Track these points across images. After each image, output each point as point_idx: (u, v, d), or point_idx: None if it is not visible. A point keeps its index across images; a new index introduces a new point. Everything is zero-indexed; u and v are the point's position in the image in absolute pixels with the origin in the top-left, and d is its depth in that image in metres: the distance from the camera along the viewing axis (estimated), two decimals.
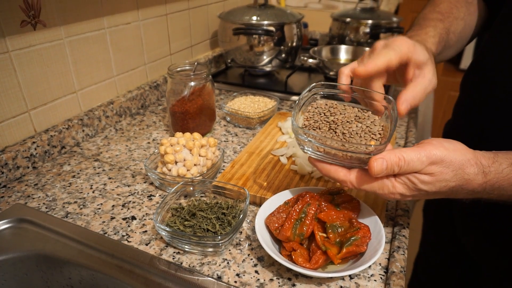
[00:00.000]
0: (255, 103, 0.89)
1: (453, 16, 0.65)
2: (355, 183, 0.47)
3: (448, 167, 0.44)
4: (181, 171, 0.61)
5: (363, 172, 0.47)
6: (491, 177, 0.44)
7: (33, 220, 0.56)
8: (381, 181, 0.46)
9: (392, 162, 0.44)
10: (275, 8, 1.10)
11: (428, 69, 0.52)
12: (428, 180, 0.44)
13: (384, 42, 0.52)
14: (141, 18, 0.92)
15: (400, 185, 0.46)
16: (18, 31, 0.64)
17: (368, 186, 0.47)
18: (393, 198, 0.47)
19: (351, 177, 0.47)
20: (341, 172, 0.47)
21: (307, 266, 0.46)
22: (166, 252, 0.52)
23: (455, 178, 0.44)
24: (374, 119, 0.50)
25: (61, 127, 0.73)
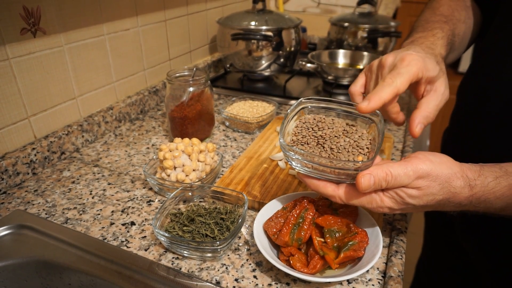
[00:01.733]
0: (254, 108, 0.90)
1: (455, 19, 0.64)
2: (344, 198, 0.47)
3: (434, 180, 0.44)
4: (180, 177, 0.62)
5: (351, 187, 0.47)
6: (477, 190, 0.44)
7: (33, 226, 0.56)
8: (369, 196, 0.46)
9: (379, 177, 0.44)
10: (273, 13, 1.11)
11: (440, 82, 0.51)
12: (415, 194, 0.44)
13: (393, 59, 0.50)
14: (140, 24, 0.92)
15: (388, 199, 0.46)
16: (18, 39, 0.65)
17: (357, 201, 0.47)
18: (382, 211, 0.47)
19: (340, 192, 0.47)
20: (330, 187, 0.47)
21: (305, 271, 0.46)
22: (165, 258, 0.52)
23: (442, 191, 0.44)
24: (362, 133, 0.50)
25: (61, 133, 0.74)
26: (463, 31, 0.65)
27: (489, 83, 0.59)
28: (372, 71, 0.53)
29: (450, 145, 0.73)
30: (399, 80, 0.47)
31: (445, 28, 0.60)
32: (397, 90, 0.47)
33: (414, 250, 1.01)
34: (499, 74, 0.57)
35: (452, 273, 0.83)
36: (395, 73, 0.48)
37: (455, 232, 0.74)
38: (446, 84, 0.53)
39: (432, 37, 0.58)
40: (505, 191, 0.44)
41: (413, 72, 0.48)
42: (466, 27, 0.65)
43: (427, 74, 0.50)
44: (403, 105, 1.03)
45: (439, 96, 0.51)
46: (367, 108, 0.46)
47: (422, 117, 0.50)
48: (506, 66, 0.56)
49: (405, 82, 0.47)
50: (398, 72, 0.48)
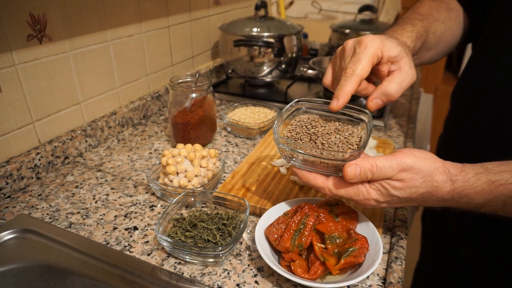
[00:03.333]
0: (256, 114, 0.91)
1: (432, 18, 0.66)
2: (333, 189, 0.49)
3: (417, 174, 0.46)
4: (182, 182, 0.62)
5: (339, 179, 0.49)
6: (458, 185, 0.46)
7: (37, 231, 0.57)
8: (356, 187, 0.48)
9: (365, 168, 0.46)
10: (275, 20, 1.12)
11: (404, 62, 0.53)
12: (399, 186, 0.46)
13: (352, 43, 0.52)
14: (144, 30, 0.94)
15: (374, 191, 0.48)
16: (24, 45, 0.66)
17: (345, 192, 0.49)
18: (368, 204, 0.49)
19: (329, 184, 0.49)
20: (319, 179, 0.50)
21: (305, 276, 0.46)
22: (168, 263, 0.52)
23: (425, 184, 0.46)
24: (353, 132, 0.52)
25: (65, 138, 0.75)
26: (441, 30, 0.66)
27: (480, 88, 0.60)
28: (337, 57, 0.55)
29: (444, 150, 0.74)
30: (359, 66, 0.49)
31: (417, 25, 0.62)
32: (360, 78, 0.49)
33: (413, 255, 1.01)
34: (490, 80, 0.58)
35: (450, 278, 0.83)
36: (354, 59, 0.50)
37: (451, 236, 0.74)
38: (411, 64, 0.53)
39: (401, 30, 0.61)
40: (484, 187, 0.45)
41: (371, 53, 0.50)
42: (446, 27, 0.67)
43: (387, 54, 0.51)
44: (403, 111, 1.04)
45: (403, 74, 0.52)
46: (338, 107, 0.50)
47: (381, 93, 0.52)
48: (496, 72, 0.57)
49: (366, 67, 0.49)
50: (358, 59, 0.50)
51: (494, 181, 0.45)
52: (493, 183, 0.45)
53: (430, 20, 0.66)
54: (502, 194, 0.45)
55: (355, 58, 0.51)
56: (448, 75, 2.49)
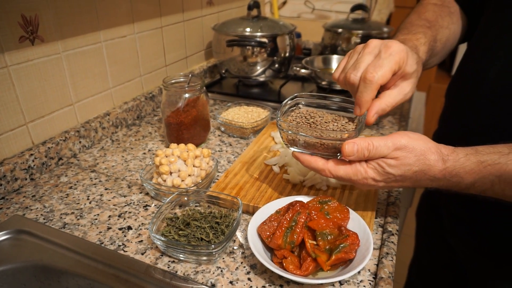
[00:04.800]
0: (249, 113, 0.91)
1: (438, 25, 0.67)
2: (333, 170, 0.52)
3: (411, 152, 0.49)
4: (176, 182, 0.63)
5: (339, 160, 0.52)
6: (449, 165, 0.48)
7: (31, 231, 0.57)
8: (354, 167, 0.51)
9: (362, 146, 0.49)
10: (268, 20, 1.13)
11: (408, 82, 0.55)
12: (393, 163, 0.49)
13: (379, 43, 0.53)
14: (137, 31, 0.94)
15: (371, 170, 0.51)
16: (16, 47, 0.66)
17: (344, 172, 0.51)
18: (367, 183, 0.51)
19: (329, 165, 0.52)
20: (320, 161, 0.53)
21: (297, 273, 0.47)
22: (161, 261, 0.53)
23: (418, 163, 0.49)
24: (348, 121, 0.57)
25: (58, 139, 0.75)
26: (446, 36, 0.68)
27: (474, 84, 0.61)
28: (356, 51, 0.55)
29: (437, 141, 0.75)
30: (380, 72, 0.50)
31: (428, 34, 0.63)
32: (379, 85, 0.51)
33: (409, 252, 1.03)
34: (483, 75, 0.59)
35: (443, 272, 0.84)
36: (377, 63, 0.50)
37: (445, 231, 0.75)
38: (413, 87, 0.56)
39: (415, 41, 0.61)
40: (474, 167, 0.47)
41: (395, 61, 0.51)
42: (450, 32, 0.69)
43: (405, 68, 0.52)
44: (395, 109, 1.05)
45: (401, 95, 0.55)
46: (361, 113, 0.54)
47: (381, 108, 0.54)
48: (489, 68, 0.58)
49: (386, 74, 0.50)
50: (381, 64, 0.50)
51: (483, 161, 0.47)
52: (482, 163, 0.47)
53: (437, 27, 0.66)
54: (490, 174, 0.46)
55: (378, 62, 0.50)
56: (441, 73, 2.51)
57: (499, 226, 0.61)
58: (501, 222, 0.60)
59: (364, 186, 0.53)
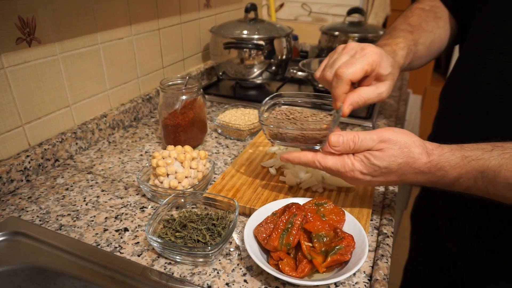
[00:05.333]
0: (246, 116, 0.92)
1: (422, 29, 0.70)
2: (322, 161, 0.54)
3: (395, 144, 0.50)
4: (172, 184, 0.63)
5: (327, 152, 0.54)
6: (434, 158, 0.49)
7: (27, 233, 0.57)
8: (342, 159, 0.53)
9: (348, 138, 0.52)
10: (265, 22, 1.13)
11: (384, 83, 0.59)
12: (378, 155, 0.51)
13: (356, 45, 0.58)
14: (134, 33, 0.94)
15: (357, 162, 0.52)
16: (13, 48, 0.66)
17: (332, 163, 0.53)
18: (354, 177, 0.53)
19: (318, 156, 0.54)
20: (309, 154, 0.55)
21: (293, 274, 0.47)
22: (158, 263, 0.53)
23: (402, 155, 0.50)
24: (326, 115, 0.62)
25: (55, 141, 0.75)
26: (430, 40, 0.70)
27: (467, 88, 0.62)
28: (336, 52, 0.60)
29: None
30: (350, 69, 0.55)
31: (408, 38, 0.67)
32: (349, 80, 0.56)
33: (404, 254, 1.03)
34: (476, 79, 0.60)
35: (439, 275, 0.85)
36: (349, 62, 0.56)
37: (441, 234, 0.76)
38: (388, 89, 0.60)
39: (395, 46, 0.65)
40: (458, 161, 0.48)
41: (367, 62, 0.56)
42: (434, 36, 0.71)
43: (378, 70, 0.57)
44: (391, 112, 1.06)
45: (375, 93, 0.59)
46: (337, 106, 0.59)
47: (354, 101, 0.58)
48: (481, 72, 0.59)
49: (357, 72, 0.55)
50: (353, 63, 0.55)
51: (467, 156, 0.48)
52: (466, 158, 0.48)
53: (420, 31, 0.69)
54: (473, 169, 0.47)
55: (351, 60, 0.56)
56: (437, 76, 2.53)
57: (496, 229, 0.62)
58: (498, 225, 0.61)
59: (353, 180, 0.54)
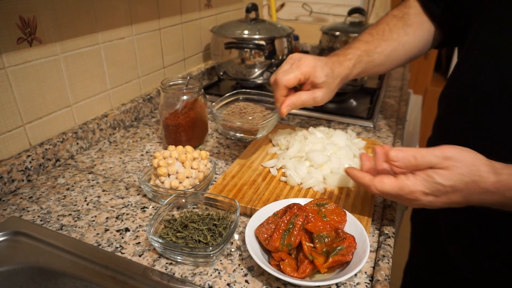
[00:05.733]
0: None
1: (382, 38, 0.73)
2: (379, 186, 0.51)
3: (461, 162, 0.47)
4: (173, 184, 0.63)
5: (384, 176, 0.51)
6: (503, 178, 0.46)
7: (28, 233, 0.57)
8: (401, 181, 0.49)
9: (408, 153, 0.48)
10: (266, 22, 1.13)
11: (320, 90, 0.66)
12: (444, 173, 0.47)
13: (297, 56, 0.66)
14: (135, 33, 0.94)
15: (419, 182, 0.48)
16: (14, 48, 0.66)
17: (390, 187, 0.50)
18: (415, 198, 0.49)
19: (375, 181, 0.52)
20: (366, 177, 0.52)
21: (295, 275, 0.47)
22: (159, 263, 0.53)
23: (469, 173, 0.46)
24: (268, 113, 0.71)
25: (56, 141, 0.75)
26: (391, 48, 0.73)
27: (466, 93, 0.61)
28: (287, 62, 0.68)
29: None
30: (285, 77, 0.64)
31: (361, 49, 0.72)
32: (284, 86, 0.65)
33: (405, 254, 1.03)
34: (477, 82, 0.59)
35: (439, 277, 0.85)
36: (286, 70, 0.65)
37: (442, 236, 0.75)
38: (323, 95, 0.67)
39: (343, 56, 0.70)
40: None
41: (300, 72, 0.64)
42: (398, 44, 0.73)
43: (312, 79, 0.65)
44: (392, 113, 1.06)
45: (310, 97, 0.66)
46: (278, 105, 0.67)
47: (291, 103, 0.66)
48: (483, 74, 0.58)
49: (291, 80, 0.64)
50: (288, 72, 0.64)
51: None
52: None
53: (379, 41, 0.73)
54: None
55: (288, 70, 0.65)
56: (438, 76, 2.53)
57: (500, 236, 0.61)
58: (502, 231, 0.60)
59: (413, 202, 0.51)
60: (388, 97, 1.19)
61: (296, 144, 0.76)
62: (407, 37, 0.73)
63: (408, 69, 1.51)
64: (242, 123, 0.67)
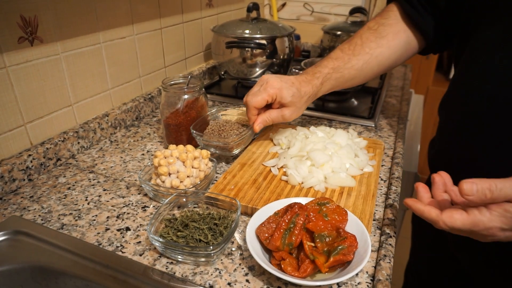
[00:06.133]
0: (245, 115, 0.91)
1: (353, 54, 0.75)
2: (448, 222, 0.46)
3: None
4: (174, 183, 0.63)
5: (454, 210, 0.46)
6: None
7: (29, 232, 0.57)
8: (472, 216, 0.44)
9: (483, 185, 0.43)
10: (267, 22, 1.13)
11: (287, 108, 0.72)
12: None
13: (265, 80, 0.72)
14: (136, 32, 0.94)
15: (495, 218, 0.44)
16: (15, 47, 0.66)
17: (461, 223, 0.45)
18: (492, 234, 0.45)
19: (444, 216, 0.46)
20: (433, 212, 0.47)
21: (296, 274, 0.47)
22: (160, 262, 0.53)
23: None
24: (243, 130, 0.76)
25: (57, 140, 0.75)
26: (363, 62, 0.75)
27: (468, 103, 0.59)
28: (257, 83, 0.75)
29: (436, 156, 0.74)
30: (254, 99, 0.71)
31: (328, 67, 0.75)
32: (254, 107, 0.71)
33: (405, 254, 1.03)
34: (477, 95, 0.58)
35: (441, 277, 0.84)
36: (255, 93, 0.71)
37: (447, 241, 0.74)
38: (290, 113, 0.73)
39: (312, 75, 0.74)
40: None
41: (267, 94, 0.70)
42: (371, 57, 0.75)
43: (279, 99, 0.71)
44: (394, 112, 1.06)
45: (279, 115, 0.73)
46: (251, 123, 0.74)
47: (264, 120, 0.73)
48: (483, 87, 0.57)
49: (259, 102, 0.70)
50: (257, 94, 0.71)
51: None
52: None
53: (349, 56, 0.75)
54: None
55: (257, 92, 0.71)
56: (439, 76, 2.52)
57: None
58: None
59: (487, 238, 0.46)
60: (389, 96, 1.18)
61: (297, 143, 0.76)
62: (380, 49, 0.75)
63: (409, 68, 1.51)
64: (218, 142, 0.74)
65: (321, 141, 0.76)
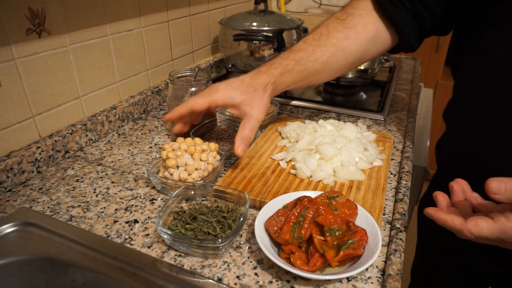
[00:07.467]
0: None
1: (318, 45, 0.70)
2: (474, 230, 0.43)
3: None
4: (182, 176, 0.63)
5: (479, 218, 0.43)
6: None
7: (38, 224, 0.57)
8: (500, 223, 0.41)
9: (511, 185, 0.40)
10: (275, 14, 1.12)
11: (249, 107, 0.66)
12: None
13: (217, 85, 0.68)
14: (143, 25, 0.93)
15: None
16: (23, 39, 0.66)
17: (488, 231, 0.42)
18: None
19: (469, 225, 0.43)
20: (457, 221, 0.44)
21: (305, 268, 0.47)
22: (168, 255, 0.53)
23: None
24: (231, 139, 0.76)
25: (65, 132, 0.75)
26: (328, 54, 0.69)
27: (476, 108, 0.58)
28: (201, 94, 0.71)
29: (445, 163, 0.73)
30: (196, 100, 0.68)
31: (289, 58, 0.70)
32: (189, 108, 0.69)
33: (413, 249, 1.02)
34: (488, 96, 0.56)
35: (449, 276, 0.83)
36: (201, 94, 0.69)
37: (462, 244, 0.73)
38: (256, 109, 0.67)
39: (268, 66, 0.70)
40: None
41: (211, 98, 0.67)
42: (337, 49, 0.69)
43: (230, 101, 0.67)
44: (403, 106, 1.04)
45: (251, 120, 0.67)
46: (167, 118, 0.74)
47: (242, 139, 0.66)
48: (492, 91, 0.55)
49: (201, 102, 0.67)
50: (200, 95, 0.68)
51: None
52: None
53: (313, 47, 0.69)
54: None
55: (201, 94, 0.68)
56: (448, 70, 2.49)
57: None
58: None
59: None
60: (398, 90, 1.17)
61: (305, 136, 0.75)
62: (348, 41, 0.69)
63: (419, 61, 1.49)
64: None
65: (330, 134, 0.75)
